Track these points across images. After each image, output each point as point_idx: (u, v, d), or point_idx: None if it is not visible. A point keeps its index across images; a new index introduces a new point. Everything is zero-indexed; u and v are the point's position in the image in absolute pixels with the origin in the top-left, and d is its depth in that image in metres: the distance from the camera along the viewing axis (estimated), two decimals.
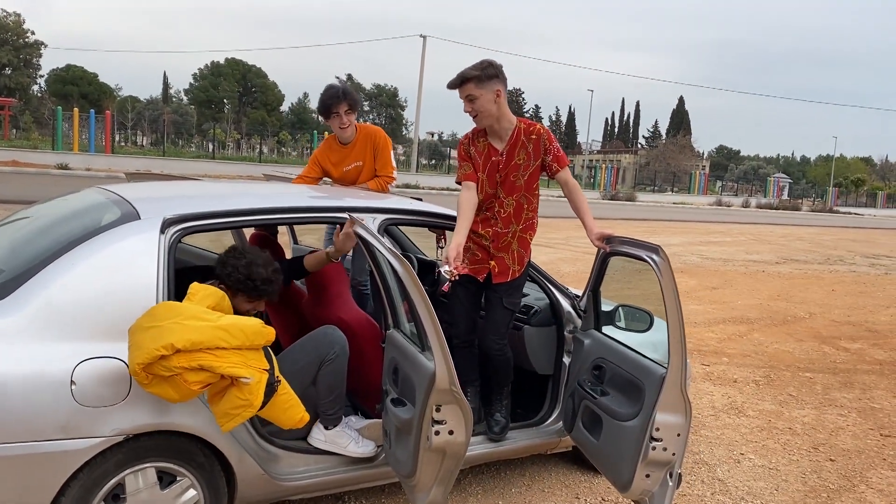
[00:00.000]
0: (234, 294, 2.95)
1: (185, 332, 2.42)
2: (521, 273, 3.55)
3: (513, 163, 3.48)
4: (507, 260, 3.51)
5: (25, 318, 2.53)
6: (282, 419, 2.72)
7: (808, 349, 7.57)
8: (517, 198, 3.51)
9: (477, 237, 3.53)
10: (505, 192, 3.49)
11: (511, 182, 3.49)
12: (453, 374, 2.54)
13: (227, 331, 2.50)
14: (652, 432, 2.90)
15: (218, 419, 2.61)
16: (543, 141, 3.50)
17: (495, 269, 3.50)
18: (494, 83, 3.38)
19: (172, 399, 2.54)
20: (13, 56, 63.65)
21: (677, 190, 61.57)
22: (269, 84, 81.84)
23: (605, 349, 3.40)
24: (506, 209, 3.50)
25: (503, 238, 3.50)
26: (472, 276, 3.53)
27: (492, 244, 3.50)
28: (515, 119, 3.52)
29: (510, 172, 3.48)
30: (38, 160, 29.79)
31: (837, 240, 24.59)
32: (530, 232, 3.58)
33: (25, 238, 3.16)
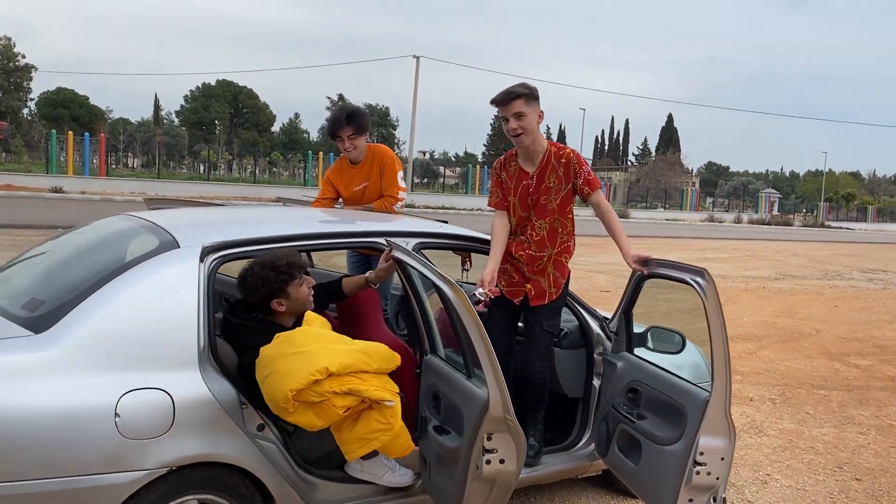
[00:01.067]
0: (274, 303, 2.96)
1: (335, 356, 2.44)
2: (559, 296, 3.55)
3: (544, 185, 3.49)
4: (543, 283, 3.50)
5: (69, 350, 2.50)
6: (393, 447, 2.73)
7: (818, 366, 7.57)
8: (550, 221, 3.51)
9: (513, 260, 3.53)
10: (537, 215, 3.50)
11: (543, 205, 3.50)
12: (508, 401, 2.52)
13: (368, 354, 2.52)
14: (695, 456, 2.88)
15: (349, 445, 2.64)
16: (573, 165, 3.51)
17: (531, 293, 3.50)
18: (538, 105, 3.46)
19: (314, 426, 2.57)
20: (4, 80, 63.57)
21: (669, 206, 61.86)
22: (261, 105, 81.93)
23: (640, 372, 3.38)
24: (538, 232, 3.50)
25: (538, 262, 3.50)
26: (508, 297, 3.52)
27: (527, 267, 3.49)
28: (546, 142, 3.55)
29: (541, 195, 3.49)
30: (32, 184, 29.67)
31: (832, 255, 24.71)
32: (566, 255, 3.58)
33: (62, 267, 3.13)
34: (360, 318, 3.45)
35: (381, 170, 4.57)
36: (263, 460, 2.79)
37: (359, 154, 4.57)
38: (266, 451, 2.82)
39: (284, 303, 2.92)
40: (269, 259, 2.80)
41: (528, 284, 3.50)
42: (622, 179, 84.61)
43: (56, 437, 2.40)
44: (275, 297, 2.88)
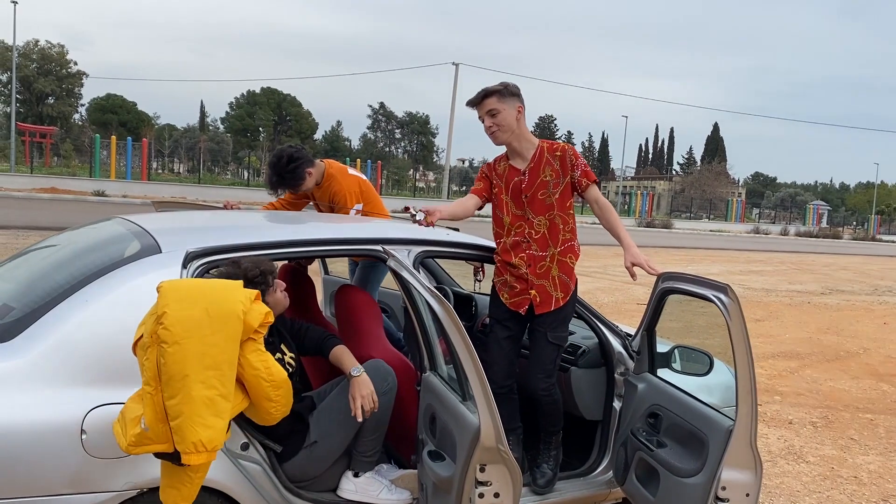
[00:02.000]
0: None
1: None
2: (567, 302, 3.29)
3: (539, 180, 3.30)
4: (548, 287, 3.25)
5: (33, 361, 2.33)
6: None
7: (865, 387, 7.15)
8: (550, 217, 3.28)
9: (512, 268, 3.29)
10: (534, 211, 3.28)
11: (540, 200, 3.29)
12: (500, 430, 2.28)
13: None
14: (717, 491, 2.60)
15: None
16: (569, 156, 3.34)
17: (536, 299, 3.24)
18: (516, 100, 3.31)
19: None
20: (56, 86, 65.33)
21: (713, 217, 60.70)
22: (304, 112, 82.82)
23: (662, 395, 3.10)
24: (538, 230, 3.27)
25: (541, 262, 3.26)
26: (513, 310, 3.28)
27: (529, 270, 3.25)
28: (537, 140, 3.39)
29: (538, 190, 3.29)
30: (76, 187, 30.27)
31: (884, 269, 23.83)
32: (571, 255, 3.32)
33: (41, 272, 2.97)
34: (356, 330, 3.24)
35: (332, 203, 4.26)
36: (245, 482, 2.60)
37: (311, 183, 4.20)
38: (249, 472, 2.63)
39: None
40: (241, 271, 2.61)
41: (533, 290, 3.25)
42: (666, 189, 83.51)
43: (17, 455, 2.24)
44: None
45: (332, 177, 4.17)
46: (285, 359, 2.83)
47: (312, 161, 4.12)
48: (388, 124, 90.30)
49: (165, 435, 2.16)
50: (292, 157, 4.00)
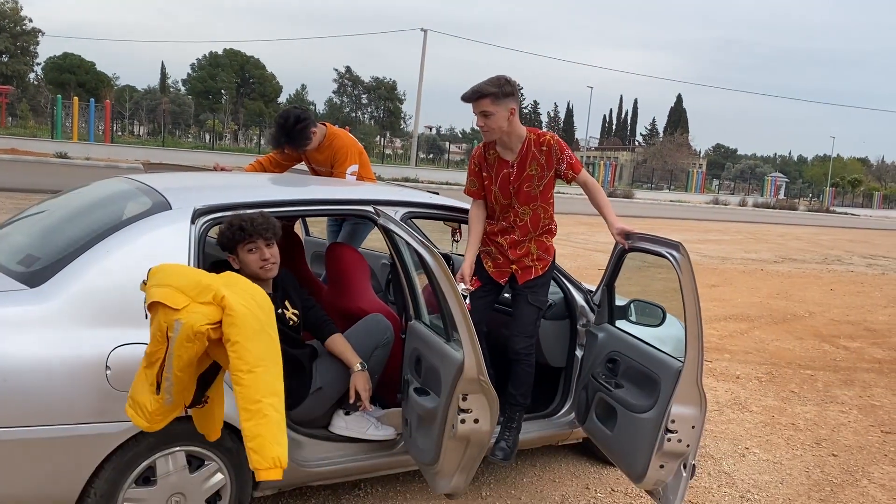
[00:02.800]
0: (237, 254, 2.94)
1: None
2: (545, 271, 3.60)
3: (525, 174, 3.50)
4: (527, 262, 3.57)
5: (62, 304, 2.59)
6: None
7: (808, 347, 7.67)
8: (533, 207, 3.55)
9: (497, 244, 3.60)
10: (520, 202, 3.54)
11: (526, 192, 3.53)
12: (482, 363, 2.61)
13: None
14: (667, 424, 2.97)
15: None
16: (555, 151, 3.51)
17: (518, 272, 3.56)
18: (510, 101, 3.39)
19: None
20: (10, 43, 63.29)
21: (674, 188, 61.70)
22: (268, 75, 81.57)
23: (620, 343, 3.47)
24: (522, 218, 3.55)
25: (521, 245, 3.57)
26: (493, 279, 3.59)
27: (510, 251, 3.56)
28: (525, 131, 3.52)
29: (524, 183, 3.51)
30: (36, 148, 29.73)
31: (835, 240, 24.74)
32: (548, 235, 3.64)
33: (58, 226, 3.22)
34: (345, 283, 3.54)
35: (333, 160, 4.51)
36: None
37: (315, 143, 4.44)
38: None
39: (236, 261, 2.94)
40: (238, 217, 2.87)
41: (514, 265, 3.56)
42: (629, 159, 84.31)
43: (49, 387, 2.50)
44: (229, 252, 2.92)
45: (336, 135, 4.42)
46: (287, 314, 3.11)
47: (315, 122, 4.34)
48: (355, 89, 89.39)
49: (182, 402, 2.44)
50: (299, 118, 4.19)
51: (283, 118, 4.24)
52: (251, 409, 2.28)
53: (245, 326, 2.29)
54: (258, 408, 2.28)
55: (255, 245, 2.88)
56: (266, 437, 2.29)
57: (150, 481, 2.75)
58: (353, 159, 4.41)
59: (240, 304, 2.32)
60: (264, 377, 2.30)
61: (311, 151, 4.39)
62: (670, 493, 3.05)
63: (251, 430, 2.29)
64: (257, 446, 2.29)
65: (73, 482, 2.60)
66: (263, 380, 2.29)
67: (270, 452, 2.29)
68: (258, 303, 2.39)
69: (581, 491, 3.86)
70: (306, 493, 3.53)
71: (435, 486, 2.92)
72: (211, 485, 2.88)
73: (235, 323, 2.28)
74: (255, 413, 2.28)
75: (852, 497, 4.10)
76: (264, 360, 2.31)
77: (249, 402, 2.28)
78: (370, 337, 3.25)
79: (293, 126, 4.18)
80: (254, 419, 2.28)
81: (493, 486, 3.81)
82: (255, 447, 2.29)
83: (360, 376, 3.08)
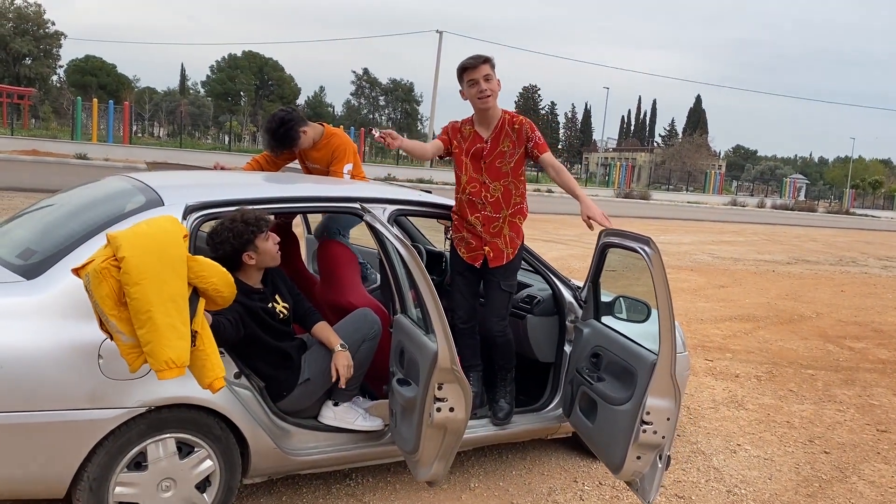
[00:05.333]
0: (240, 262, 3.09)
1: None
2: (515, 255, 3.75)
3: (498, 150, 3.71)
4: (500, 244, 3.70)
5: (56, 296, 2.72)
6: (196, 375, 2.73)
7: (812, 347, 7.67)
8: (504, 183, 3.71)
9: (469, 225, 3.72)
10: (490, 177, 3.70)
11: (497, 168, 3.70)
12: (454, 354, 2.71)
13: None
14: (643, 416, 3.04)
15: None
16: (526, 130, 3.74)
17: (490, 255, 3.69)
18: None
19: None
20: (33, 46, 64.26)
21: (692, 189, 61.35)
22: (286, 77, 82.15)
23: (603, 338, 3.54)
24: (493, 194, 3.69)
25: (494, 223, 3.69)
26: (469, 263, 3.71)
27: (483, 229, 3.68)
28: (501, 111, 3.77)
29: (496, 159, 3.70)
30: (57, 150, 30.20)
31: (852, 241, 24.52)
32: (520, 216, 3.78)
33: (56, 221, 3.36)
34: (336, 278, 3.64)
35: (331, 158, 4.57)
36: (238, 405, 3.01)
37: (308, 142, 4.48)
38: (241, 396, 3.03)
39: (254, 256, 3.08)
40: (239, 214, 2.98)
41: (487, 247, 3.69)
42: (647, 160, 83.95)
43: (44, 374, 2.63)
44: (245, 249, 3.05)
45: (333, 134, 4.53)
46: (277, 307, 3.22)
47: (305, 120, 4.41)
48: (372, 91, 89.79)
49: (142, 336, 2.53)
50: (283, 120, 4.28)
51: (269, 123, 4.34)
52: (141, 319, 2.47)
53: (129, 245, 2.48)
54: (148, 316, 2.46)
55: (268, 233, 3.09)
56: (155, 343, 2.46)
57: (141, 466, 2.87)
58: (350, 158, 4.51)
59: (123, 231, 2.57)
60: (152, 286, 2.47)
61: (306, 150, 4.49)
62: (647, 484, 3.12)
63: (143, 336, 2.48)
64: (150, 351, 2.48)
65: (67, 466, 2.73)
66: (152, 289, 2.47)
67: (162, 355, 2.46)
68: (150, 225, 2.64)
69: (569, 484, 3.94)
70: (298, 482, 3.63)
71: (416, 474, 3.01)
72: (200, 471, 2.99)
73: (120, 245, 2.47)
74: (146, 321, 2.46)
75: (840, 493, 4.14)
76: (151, 271, 2.47)
77: (140, 312, 2.45)
78: (358, 331, 3.35)
79: (277, 129, 4.27)
80: (144, 327, 2.46)
81: (482, 478, 3.90)
82: (148, 351, 2.48)
83: (340, 355, 3.21)
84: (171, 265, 2.54)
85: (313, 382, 3.26)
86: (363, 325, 3.36)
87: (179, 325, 2.52)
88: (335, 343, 3.24)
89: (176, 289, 2.54)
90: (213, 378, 2.63)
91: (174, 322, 2.50)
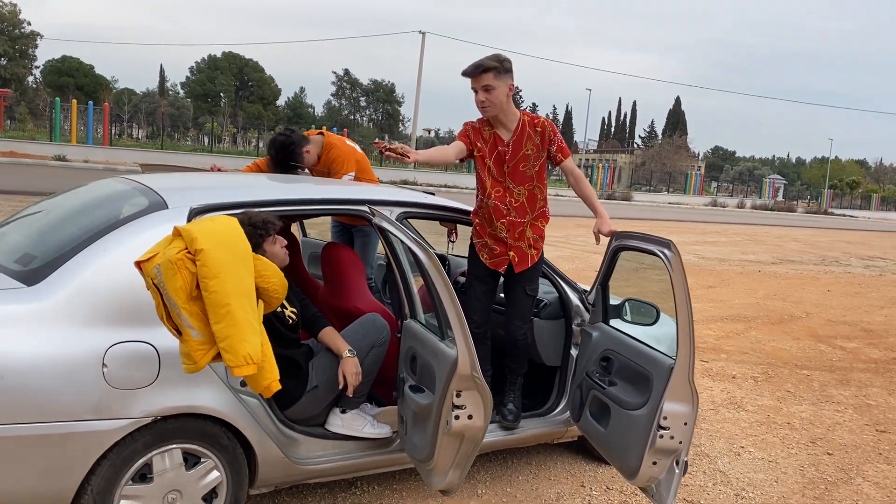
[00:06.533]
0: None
1: None
2: (539, 258, 3.69)
3: (521, 153, 3.61)
4: (524, 248, 3.64)
5: (59, 302, 2.61)
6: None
7: (804, 347, 7.69)
8: (529, 188, 3.63)
9: (492, 230, 3.63)
10: (515, 181, 3.61)
11: (521, 172, 3.61)
12: (475, 360, 2.64)
13: None
14: (659, 421, 2.99)
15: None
16: (548, 132, 3.65)
17: (515, 259, 3.62)
18: (508, 77, 3.52)
19: None
20: (9, 46, 63.34)
21: (673, 190, 61.72)
22: (266, 78, 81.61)
23: (614, 341, 3.49)
24: (517, 199, 3.61)
25: (519, 227, 3.62)
26: (492, 270, 3.65)
27: (508, 234, 3.60)
28: (519, 112, 3.66)
29: (520, 163, 3.61)
30: (35, 151, 29.72)
31: (833, 241, 24.77)
32: (542, 220, 3.71)
33: (54, 225, 3.24)
34: (341, 282, 3.56)
35: (330, 170, 4.60)
36: (245, 414, 2.92)
37: (313, 159, 4.54)
38: (248, 405, 2.94)
39: None
40: (246, 217, 2.89)
41: (511, 252, 3.61)
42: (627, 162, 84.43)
43: (47, 385, 2.52)
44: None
45: (333, 145, 4.52)
46: (286, 312, 3.13)
47: (306, 138, 4.42)
48: (353, 92, 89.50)
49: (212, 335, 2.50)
50: (283, 145, 4.32)
51: (270, 150, 4.38)
52: (220, 313, 2.42)
53: (205, 238, 2.44)
54: (227, 310, 2.41)
55: (276, 236, 2.99)
56: (235, 337, 2.42)
57: (146, 478, 2.77)
58: (350, 167, 4.52)
59: (196, 224, 2.56)
60: (230, 280, 2.43)
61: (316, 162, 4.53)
62: (663, 490, 3.07)
63: (221, 331, 2.43)
64: (228, 346, 2.43)
65: (70, 479, 2.62)
66: (230, 283, 2.43)
67: (241, 350, 2.42)
68: (217, 221, 2.63)
69: (576, 489, 3.88)
70: (303, 490, 3.55)
71: (430, 482, 2.94)
72: (207, 482, 2.90)
73: (196, 237, 2.44)
74: (224, 315, 2.41)
75: (847, 495, 4.12)
76: (228, 265, 2.45)
77: (218, 306, 2.42)
78: (366, 336, 3.27)
79: (278, 155, 4.32)
80: (223, 321, 2.42)
81: (488, 484, 3.83)
82: (226, 347, 2.43)
83: (348, 362, 3.12)
84: (244, 261, 2.53)
85: (321, 390, 3.18)
86: (372, 331, 3.28)
87: (254, 321, 2.49)
88: (343, 349, 3.15)
89: (249, 285, 2.53)
90: (271, 380, 2.60)
91: (250, 318, 2.48)
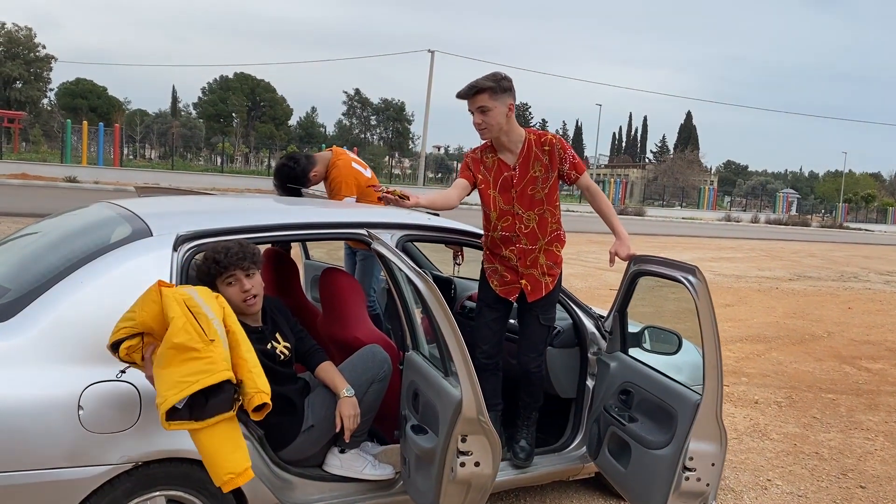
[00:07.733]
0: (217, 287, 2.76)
1: None
2: (555, 286, 3.44)
3: (529, 176, 3.35)
4: (537, 275, 3.39)
5: (31, 340, 2.41)
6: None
7: (828, 369, 7.40)
8: (539, 212, 3.38)
9: (503, 259, 3.41)
10: (523, 207, 3.36)
11: (529, 196, 3.36)
12: (481, 402, 2.41)
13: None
14: (685, 461, 2.76)
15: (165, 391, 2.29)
16: (558, 150, 3.37)
17: (528, 288, 3.38)
18: (507, 97, 3.27)
19: None
20: (24, 70, 64.08)
21: (686, 205, 61.32)
22: (278, 98, 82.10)
23: (633, 373, 3.26)
24: (527, 225, 3.37)
25: (530, 254, 3.38)
26: (503, 297, 3.42)
27: (519, 262, 3.37)
28: (524, 131, 3.39)
29: (527, 186, 3.35)
30: (47, 173, 29.83)
31: (850, 256, 24.36)
32: (557, 244, 3.45)
33: (34, 255, 3.05)
34: (340, 311, 3.35)
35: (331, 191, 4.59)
36: None
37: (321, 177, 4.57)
38: None
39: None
40: (213, 249, 2.68)
41: (523, 280, 3.38)
42: (639, 177, 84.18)
43: (16, 429, 2.32)
44: (210, 288, 2.67)
45: (335, 165, 4.46)
46: (278, 348, 2.91)
47: (311, 160, 4.41)
48: (364, 111, 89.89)
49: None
50: (290, 171, 4.34)
51: (276, 176, 4.40)
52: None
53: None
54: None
55: (234, 277, 2.70)
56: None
57: None
58: (349, 190, 4.43)
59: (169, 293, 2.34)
60: None
61: None
62: None
63: None
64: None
65: None
66: None
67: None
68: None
69: None
70: None
71: None
72: None
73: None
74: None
75: None
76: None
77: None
78: (366, 371, 3.04)
79: (286, 180, 4.34)
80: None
81: None
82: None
83: (345, 402, 2.88)
84: None
85: (317, 429, 2.95)
86: (372, 365, 3.04)
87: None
88: (341, 388, 2.92)
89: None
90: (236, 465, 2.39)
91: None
